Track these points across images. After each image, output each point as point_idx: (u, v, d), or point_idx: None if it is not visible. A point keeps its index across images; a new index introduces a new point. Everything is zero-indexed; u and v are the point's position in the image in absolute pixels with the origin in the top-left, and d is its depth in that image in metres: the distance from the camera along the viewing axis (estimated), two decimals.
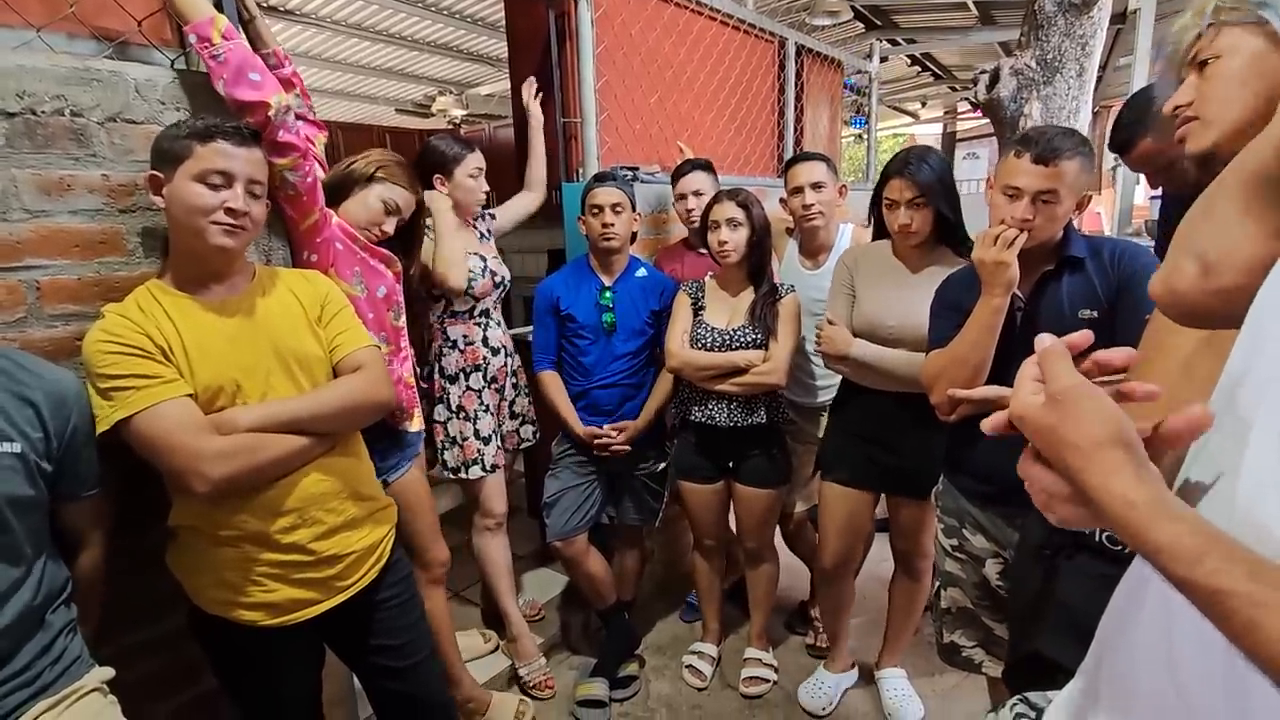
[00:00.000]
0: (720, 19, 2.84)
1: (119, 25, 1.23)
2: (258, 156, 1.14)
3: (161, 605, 1.27)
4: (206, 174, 1.08)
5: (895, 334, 1.69)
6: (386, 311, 1.59)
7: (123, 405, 1.03)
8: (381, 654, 1.36)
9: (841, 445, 1.87)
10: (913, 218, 1.62)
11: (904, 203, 1.62)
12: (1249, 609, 0.39)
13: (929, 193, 1.59)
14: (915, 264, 1.72)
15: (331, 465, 1.21)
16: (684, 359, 1.90)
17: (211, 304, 1.14)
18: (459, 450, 2.02)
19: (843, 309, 1.78)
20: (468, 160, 1.96)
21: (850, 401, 1.85)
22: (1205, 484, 0.48)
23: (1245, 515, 0.44)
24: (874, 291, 1.74)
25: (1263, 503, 0.43)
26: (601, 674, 2.12)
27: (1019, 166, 1.27)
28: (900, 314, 1.68)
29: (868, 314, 1.73)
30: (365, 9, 4.67)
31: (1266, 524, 0.42)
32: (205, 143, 1.08)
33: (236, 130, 1.11)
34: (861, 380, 1.77)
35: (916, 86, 7.98)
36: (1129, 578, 0.56)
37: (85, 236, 1.18)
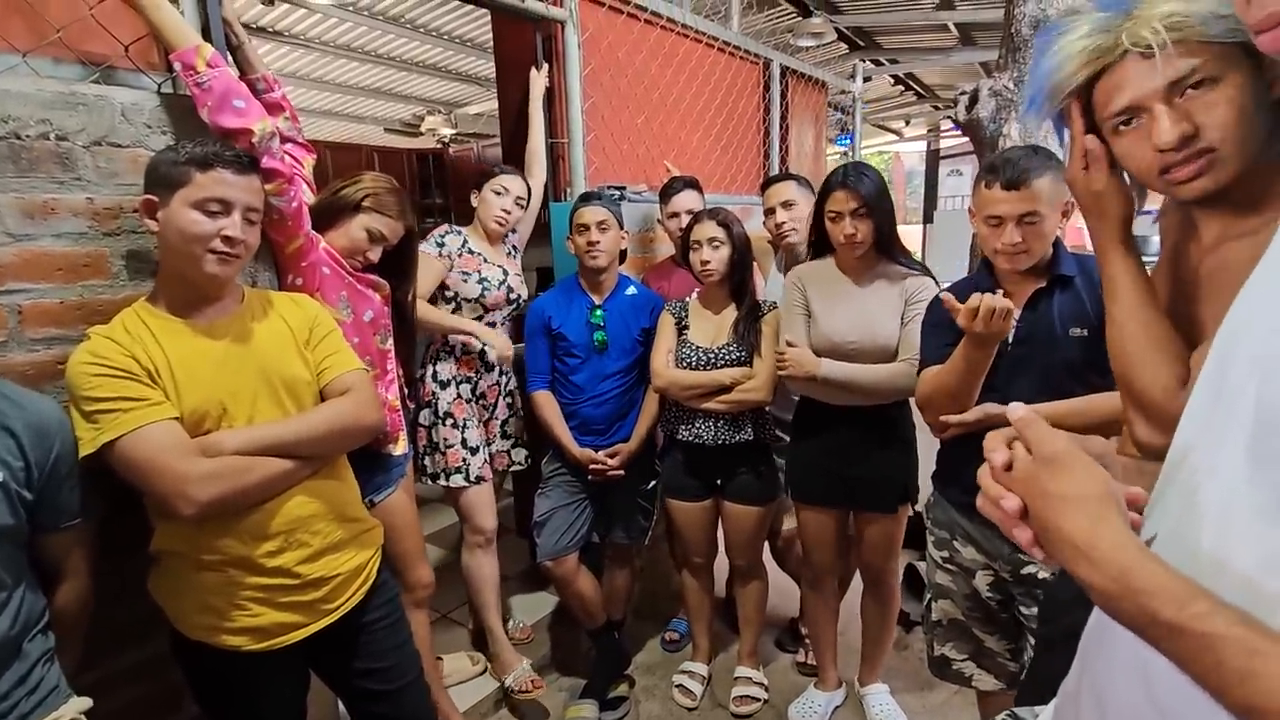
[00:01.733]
0: (706, 41, 2.89)
1: (105, 50, 1.24)
2: (256, 185, 1.15)
3: (143, 631, 1.25)
4: (205, 202, 1.08)
5: (858, 348, 1.71)
6: (373, 336, 1.59)
7: (108, 428, 1.02)
8: (368, 677, 1.34)
9: (807, 466, 1.88)
10: (857, 227, 1.65)
11: (848, 213, 1.65)
12: (1244, 657, 0.38)
13: (870, 203, 1.64)
14: (861, 276, 1.75)
15: (317, 488, 1.20)
16: (669, 378, 1.91)
17: (199, 327, 1.14)
18: (440, 457, 2.02)
19: (800, 329, 1.78)
20: (495, 179, 2.05)
21: (812, 421, 1.86)
22: (1164, 535, 0.50)
23: (1209, 554, 0.45)
24: (830, 308, 1.75)
25: (1223, 540, 0.44)
26: (591, 695, 2.10)
27: (993, 196, 1.29)
28: (860, 328, 1.70)
29: (828, 332, 1.74)
30: (354, 30, 4.71)
31: (1225, 560, 0.43)
32: (205, 170, 1.08)
33: (237, 158, 1.11)
34: (829, 399, 1.77)
35: (900, 105, 8.13)
36: None
37: (69, 260, 1.18)
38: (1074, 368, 1.30)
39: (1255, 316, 0.48)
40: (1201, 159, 0.72)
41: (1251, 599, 0.41)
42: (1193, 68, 0.69)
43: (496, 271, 2.06)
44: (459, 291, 2.02)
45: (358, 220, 1.53)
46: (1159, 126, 0.71)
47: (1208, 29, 0.68)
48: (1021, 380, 1.34)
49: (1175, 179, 0.74)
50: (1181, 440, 0.52)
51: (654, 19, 2.57)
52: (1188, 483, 0.49)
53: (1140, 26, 0.70)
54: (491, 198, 2.05)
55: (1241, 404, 0.44)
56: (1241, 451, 0.44)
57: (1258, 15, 0.42)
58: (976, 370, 1.31)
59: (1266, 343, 0.45)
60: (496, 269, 2.07)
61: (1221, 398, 0.48)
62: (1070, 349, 1.30)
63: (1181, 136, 0.71)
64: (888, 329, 1.69)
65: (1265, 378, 0.43)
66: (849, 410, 1.75)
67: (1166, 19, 0.69)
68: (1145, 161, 0.76)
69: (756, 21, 4.71)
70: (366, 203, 1.53)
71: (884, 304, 1.70)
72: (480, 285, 2.02)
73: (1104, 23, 0.74)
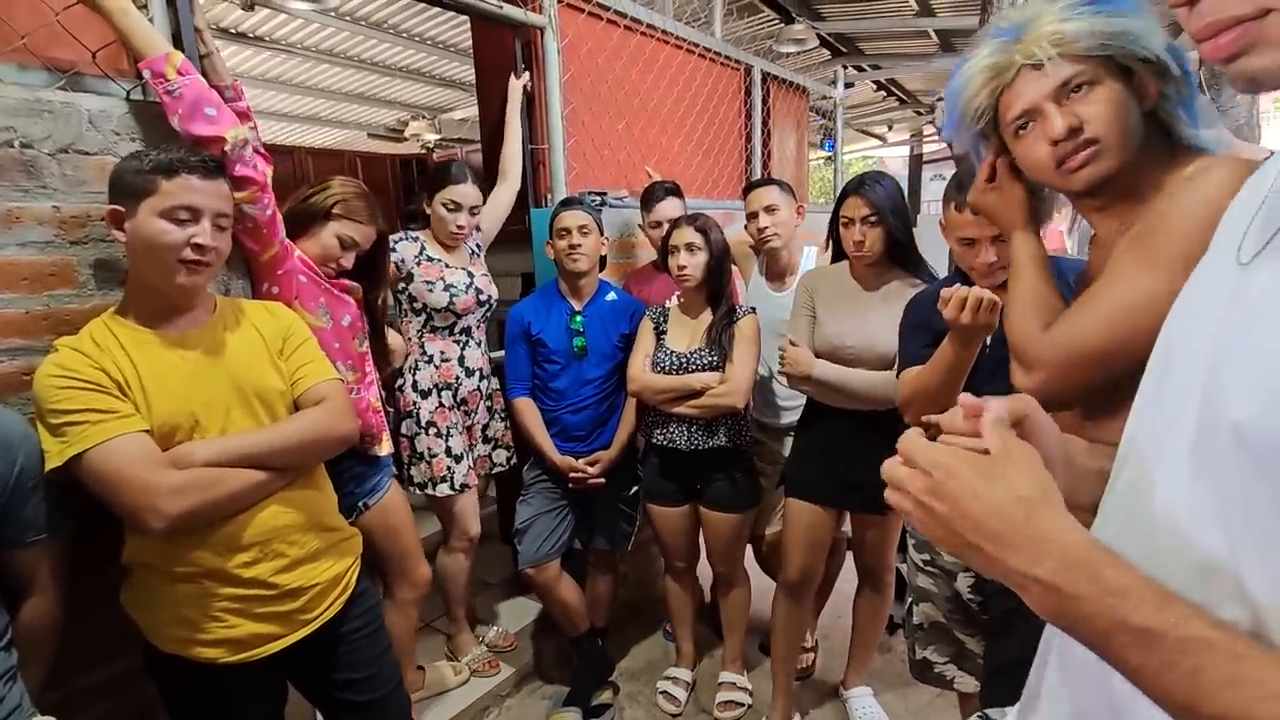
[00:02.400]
0: (686, 47, 2.90)
1: (72, 56, 1.22)
2: (224, 190, 1.13)
3: (113, 646, 1.23)
4: (173, 210, 1.06)
5: (855, 354, 1.72)
6: (352, 339, 1.58)
7: (75, 441, 1.00)
8: (347, 688, 1.33)
9: (806, 463, 1.88)
10: (866, 234, 1.67)
11: (858, 219, 1.67)
12: (1228, 663, 0.36)
13: (881, 210, 1.65)
14: (871, 284, 1.76)
15: (292, 498, 1.18)
16: (643, 382, 1.91)
17: (171, 337, 1.12)
18: (426, 466, 2.01)
19: (804, 330, 1.81)
20: (446, 191, 1.98)
21: (814, 421, 1.87)
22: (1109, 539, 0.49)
23: (1164, 526, 0.45)
24: (833, 313, 1.77)
25: (1176, 517, 0.44)
26: (575, 703, 2.09)
27: (964, 220, 1.30)
28: (860, 335, 1.72)
29: (828, 335, 1.76)
30: (336, 35, 4.69)
31: (1186, 532, 0.43)
32: (171, 177, 1.05)
33: (202, 163, 1.09)
34: (825, 400, 1.79)
35: (883, 111, 8.20)
36: None
37: (34, 269, 1.16)
38: None
39: (1192, 323, 0.49)
40: (1088, 149, 0.85)
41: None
42: (1075, 72, 0.84)
43: (460, 275, 2.02)
44: (427, 302, 1.98)
45: (329, 228, 1.52)
46: (1050, 122, 0.85)
47: (1080, 43, 0.82)
48: (1001, 381, 1.35)
49: (1068, 168, 0.87)
50: (1125, 446, 0.53)
51: (634, 25, 2.58)
52: (1133, 486, 0.49)
53: (1030, 44, 0.85)
54: (443, 213, 1.98)
55: (1186, 410, 0.45)
56: (1184, 456, 0.44)
57: (1197, 25, 0.43)
58: (959, 370, 1.31)
59: (1206, 351, 0.45)
60: (460, 273, 2.03)
61: (1163, 406, 0.48)
62: None
63: (1069, 127, 0.84)
64: (887, 338, 1.67)
65: (1207, 389, 0.44)
66: (850, 412, 1.76)
67: (1051, 36, 0.84)
68: (1042, 157, 0.88)
69: (738, 28, 4.73)
70: (337, 209, 1.52)
71: (887, 314, 1.68)
72: (448, 293, 1.99)
73: (1000, 46, 0.89)
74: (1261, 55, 0.40)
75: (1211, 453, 0.42)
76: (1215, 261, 0.50)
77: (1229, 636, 0.37)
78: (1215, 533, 0.41)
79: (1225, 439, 0.40)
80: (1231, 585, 0.39)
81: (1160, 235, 0.83)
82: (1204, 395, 0.44)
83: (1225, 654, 0.36)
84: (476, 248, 2.17)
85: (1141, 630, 0.38)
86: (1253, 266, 0.44)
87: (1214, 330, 0.45)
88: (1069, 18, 0.83)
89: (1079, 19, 0.83)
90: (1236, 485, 0.39)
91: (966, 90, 0.93)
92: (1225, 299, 0.45)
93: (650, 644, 2.49)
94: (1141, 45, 0.82)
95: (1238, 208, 0.50)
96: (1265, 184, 0.47)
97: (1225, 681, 0.36)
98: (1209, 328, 0.46)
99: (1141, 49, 0.82)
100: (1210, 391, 0.43)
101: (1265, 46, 0.40)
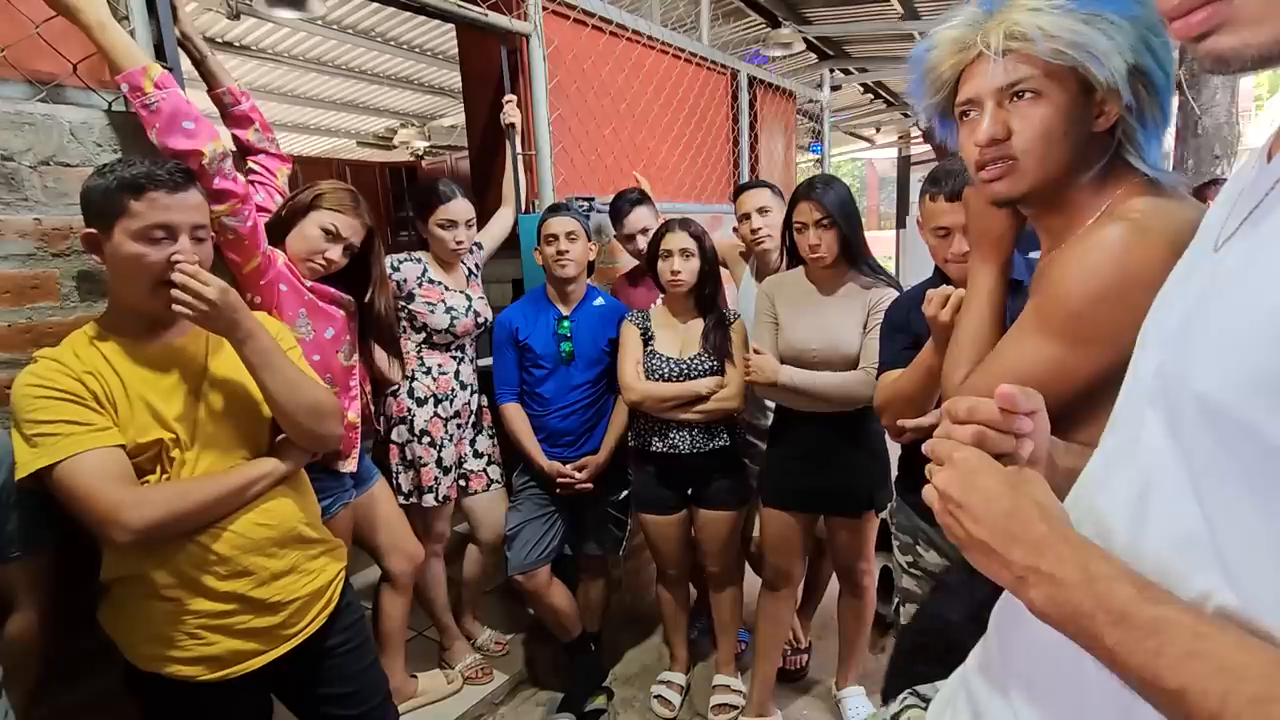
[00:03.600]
0: (673, 52, 2.92)
1: (53, 68, 1.22)
2: (196, 199, 1.09)
3: (95, 664, 1.22)
4: (148, 230, 1.02)
5: (820, 357, 1.74)
6: (335, 353, 1.57)
7: (46, 452, 0.98)
8: (332, 703, 1.31)
9: (777, 471, 1.90)
10: (821, 238, 1.68)
11: (812, 224, 1.68)
12: (1189, 639, 0.38)
13: (834, 214, 1.66)
14: (829, 287, 1.78)
15: (270, 508, 1.16)
16: (644, 392, 1.91)
17: (153, 349, 1.11)
18: (414, 474, 2.02)
19: (767, 337, 1.82)
20: (439, 212, 1.98)
21: (784, 428, 1.89)
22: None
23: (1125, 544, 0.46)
24: (795, 318, 1.79)
25: (1139, 525, 0.46)
26: (569, 709, 2.08)
27: (938, 209, 1.31)
28: (823, 338, 1.74)
29: (791, 340, 1.78)
30: (324, 43, 4.69)
31: (1140, 547, 0.45)
32: (139, 196, 1.01)
33: (169, 176, 1.05)
34: (793, 405, 1.81)
35: (870, 113, 8.24)
36: None
37: (15, 282, 1.16)
38: None
39: (1165, 313, 0.50)
40: (1003, 164, 0.82)
41: (1161, 580, 0.42)
42: (1023, 76, 0.79)
43: (460, 299, 2.05)
44: (428, 323, 1.99)
45: (311, 218, 1.51)
46: (980, 123, 0.82)
47: (1034, 45, 0.76)
48: None
49: (983, 177, 0.85)
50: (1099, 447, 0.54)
51: (620, 31, 2.59)
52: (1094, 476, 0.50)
53: (992, 29, 0.79)
54: (440, 233, 1.99)
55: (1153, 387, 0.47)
56: (1161, 431, 0.45)
57: (1169, 3, 0.44)
58: (936, 376, 1.32)
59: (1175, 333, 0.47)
60: (460, 295, 2.06)
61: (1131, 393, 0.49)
62: None
63: (991, 138, 0.81)
64: (849, 339, 1.71)
65: (1174, 366, 0.45)
66: (818, 416, 1.77)
67: (1011, 27, 0.77)
68: (969, 152, 0.86)
69: (724, 33, 4.76)
70: (317, 201, 1.52)
71: (847, 314, 1.73)
72: (449, 315, 2.01)
73: (973, 18, 0.83)
74: (1230, 35, 0.41)
75: (1181, 426, 0.43)
76: (1194, 255, 0.52)
77: (1193, 617, 0.39)
78: (1190, 505, 0.42)
79: (1191, 411, 0.42)
80: (1208, 555, 0.41)
81: (1055, 303, 0.80)
82: (1171, 371, 0.45)
83: (1188, 631, 0.39)
84: (475, 268, 2.18)
85: (1119, 611, 0.41)
86: (1222, 251, 0.46)
87: (1183, 314, 0.47)
88: (1039, 8, 0.76)
89: (1045, 14, 0.76)
90: (1205, 457, 0.41)
91: (931, 57, 0.89)
92: (1198, 283, 0.47)
93: (644, 648, 2.49)
94: (1098, 64, 0.74)
95: (1217, 204, 0.52)
96: (1245, 175, 0.49)
97: (1185, 656, 0.38)
98: (1179, 314, 0.48)
99: (1097, 68, 0.75)
100: (1177, 367, 0.45)
101: (1233, 27, 0.41)
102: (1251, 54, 0.39)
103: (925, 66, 0.90)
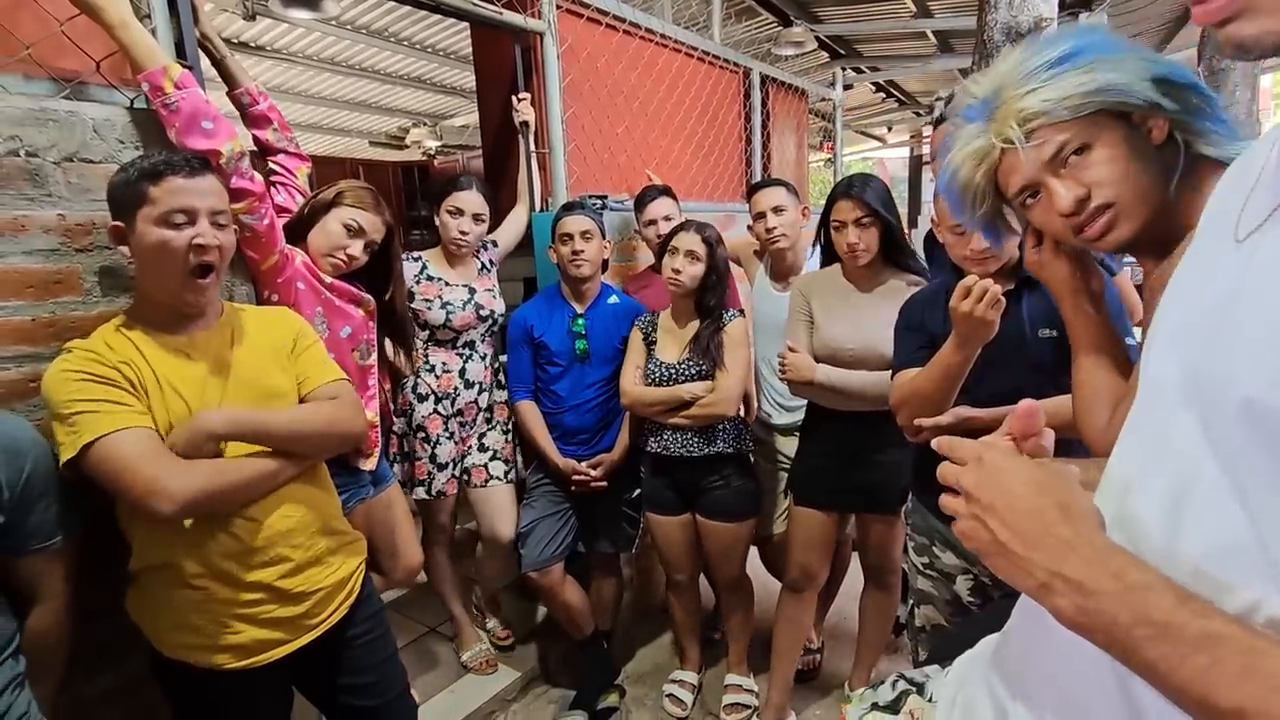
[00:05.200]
0: (685, 51, 2.91)
1: (77, 66, 1.23)
2: (215, 185, 1.12)
3: (120, 652, 1.23)
4: (168, 215, 1.05)
5: (856, 356, 1.72)
6: (350, 352, 1.58)
7: (85, 430, 0.99)
8: (352, 693, 1.33)
9: (811, 468, 1.88)
10: (860, 236, 1.67)
11: (851, 222, 1.67)
12: (1243, 655, 0.36)
13: (875, 212, 1.65)
14: (866, 285, 1.76)
15: (299, 499, 1.18)
16: (634, 396, 1.91)
17: (180, 341, 1.13)
18: (408, 467, 2.06)
19: (803, 336, 1.80)
20: (450, 198, 2.02)
21: (817, 425, 1.87)
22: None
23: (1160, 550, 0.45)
24: (830, 316, 1.77)
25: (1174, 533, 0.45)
26: (581, 706, 2.08)
27: None
28: (858, 337, 1.72)
29: (827, 339, 1.76)
30: (337, 44, 4.72)
31: (1175, 554, 0.44)
32: (158, 181, 1.05)
33: (186, 163, 1.08)
34: (828, 403, 1.79)
35: (882, 112, 8.21)
36: None
37: (40, 277, 1.17)
38: (1045, 368, 1.31)
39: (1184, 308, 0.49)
40: (1105, 214, 0.78)
41: (1202, 588, 0.41)
42: (1063, 143, 0.77)
43: (460, 292, 2.05)
44: (426, 319, 2.02)
45: (333, 215, 1.53)
46: (1056, 198, 0.79)
47: (1053, 117, 0.76)
48: (993, 382, 1.35)
49: (1088, 237, 0.81)
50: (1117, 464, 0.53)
51: (633, 29, 2.59)
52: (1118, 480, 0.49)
53: (1002, 127, 0.79)
54: (448, 219, 2.02)
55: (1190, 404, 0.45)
56: (1196, 434, 0.44)
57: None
58: (955, 375, 1.31)
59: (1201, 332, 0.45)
60: (460, 289, 2.06)
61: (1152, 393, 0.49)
62: (1040, 350, 1.31)
63: (1076, 200, 0.78)
64: (885, 338, 1.66)
65: (1210, 368, 0.44)
66: (852, 414, 1.76)
67: (1019, 115, 0.78)
68: (1058, 225, 0.82)
69: (736, 31, 4.75)
70: (338, 199, 1.54)
71: (884, 314, 1.67)
72: (444, 310, 2.02)
73: (975, 132, 0.84)
74: (1250, 22, 0.42)
75: (1221, 429, 0.42)
76: (1209, 244, 0.50)
77: (1246, 630, 0.37)
78: (1235, 511, 0.41)
79: (1233, 413, 0.40)
80: (1256, 563, 0.39)
81: None
82: (1206, 373, 0.44)
83: (1242, 647, 0.36)
84: (490, 263, 2.19)
85: (1161, 624, 0.39)
86: (1250, 244, 0.44)
87: (1207, 311, 0.45)
88: (1033, 88, 0.76)
89: (1046, 86, 0.76)
90: (1251, 460, 0.40)
91: (958, 180, 0.88)
92: (1224, 278, 0.45)
93: (656, 647, 2.49)
94: (1126, 94, 0.74)
95: (1227, 188, 0.50)
96: (1257, 161, 0.47)
97: (1241, 673, 0.36)
98: (1200, 311, 0.46)
99: (1127, 98, 0.74)
100: (1213, 368, 0.43)
101: (1254, 14, 0.41)
102: (1272, 40, 0.39)
103: (958, 189, 0.89)
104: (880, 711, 0.74)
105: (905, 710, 0.72)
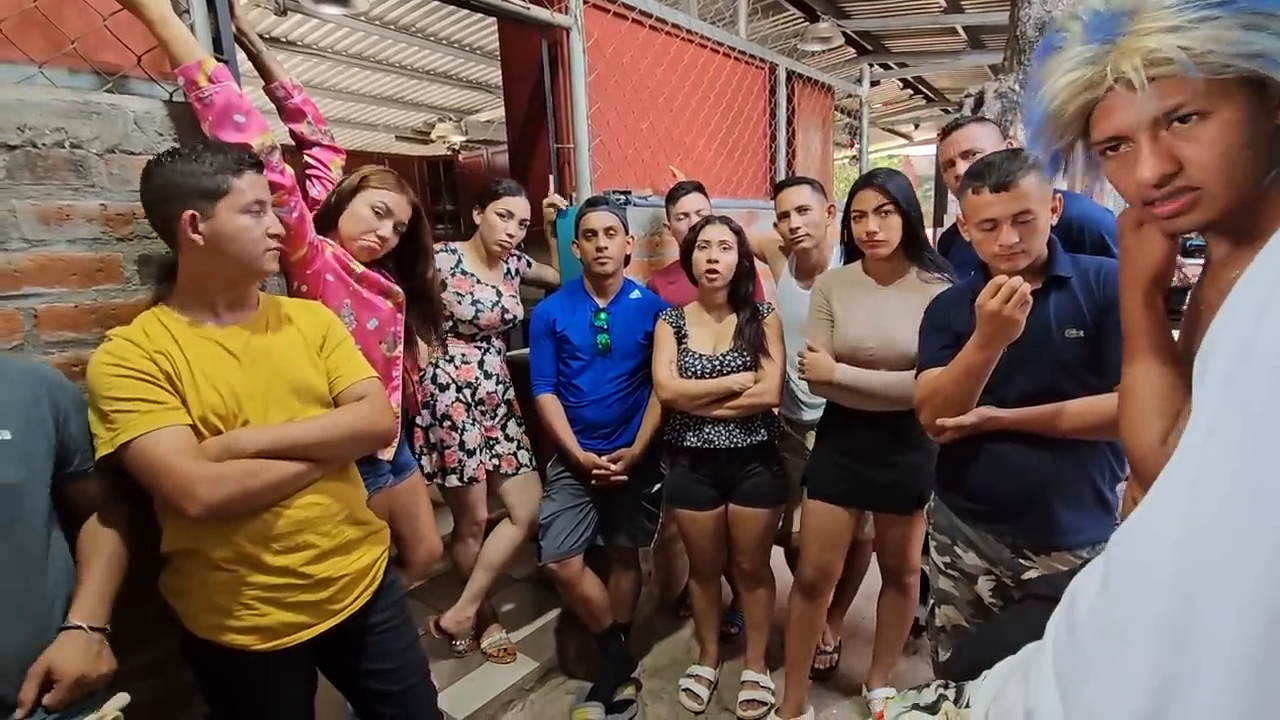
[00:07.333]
0: (711, 46, 2.90)
1: (119, 60, 1.27)
2: (266, 179, 1.21)
3: (155, 630, 1.26)
4: (250, 205, 1.14)
5: (875, 354, 1.71)
6: (377, 344, 1.61)
7: (124, 429, 1.04)
8: (374, 678, 1.36)
9: (827, 464, 1.87)
10: (880, 225, 1.66)
11: (872, 210, 1.66)
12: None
13: (895, 201, 1.65)
14: (886, 278, 1.75)
15: (326, 489, 1.21)
16: (676, 390, 1.91)
17: (217, 332, 1.17)
18: (438, 457, 2.08)
19: (823, 334, 1.79)
20: (500, 200, 2.06)
21: (835, 423, 1.86)
22: None
23: None
24: (850, 313, 1.76)
25: None
26: (597, 698, 2.10)
27: (983, 201, 1.28)
28: (878, 334, 1.70)
29: (847, 337, 1.75)
30: (366, 39, 4.77)
31: None
32: (239, 175, 1.13)
33: (255, 159, 1.18)
34: (847, 403, 1.77)
35: (909, 109, 8.11)
36: None
37: (82, 265, 1.21)
38: (1070, 369, 1.29)
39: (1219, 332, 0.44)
40: (1184, 196, 0.68)
41: None
42: (1179, 104, 0.65)
43: (489, 293, 2.09)
44: (454, 312, 2.05)
45: (359, 199, 1.57)
46: (1142, 163, 0.69)
47: (1189, 71, 0.62)
48: (1018, 382, 1.33)
49: (1157, 213, 0.71)
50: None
51: (659, 24, 2.59)
52: None
53: (1123, 60, 0.66)
54: (496, 220, 2.06)
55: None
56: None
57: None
58: (979, 375, 1.30)
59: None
60: (489, 290, 2.10)
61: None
62: (1066, 350, 1.29)
63: (1161, 175, 0.68)
64: (906, 336, 1.65)
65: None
66: (873, 413, 1.74)
67: (1149, 54, 0.64)
68: (1130, 188, 0.73)
69: (763, 27, 4.72)
70: (363, 183, 1.58)
71: (904, 310, 1.66)
72: (474, 307, 2.06)
73: (1090, 55, 0.70)
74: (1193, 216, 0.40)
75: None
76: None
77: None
78: None
79: None
80: None
81: None
82: None
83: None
84: (515, 272, 2.24)
85: None
86: None
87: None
88: (1176, 24, 0.62)
89: (1189, 31, 0.61)
90: None
91: (1051, 103, 0.75)
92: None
93: (673, 641, 2.50)
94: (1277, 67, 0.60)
95: None
96: None
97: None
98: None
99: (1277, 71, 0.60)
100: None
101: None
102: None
103: (1047, 114, 0.76)
104: (920, 711, 0.74)
105: (942, 712, 0.72)
